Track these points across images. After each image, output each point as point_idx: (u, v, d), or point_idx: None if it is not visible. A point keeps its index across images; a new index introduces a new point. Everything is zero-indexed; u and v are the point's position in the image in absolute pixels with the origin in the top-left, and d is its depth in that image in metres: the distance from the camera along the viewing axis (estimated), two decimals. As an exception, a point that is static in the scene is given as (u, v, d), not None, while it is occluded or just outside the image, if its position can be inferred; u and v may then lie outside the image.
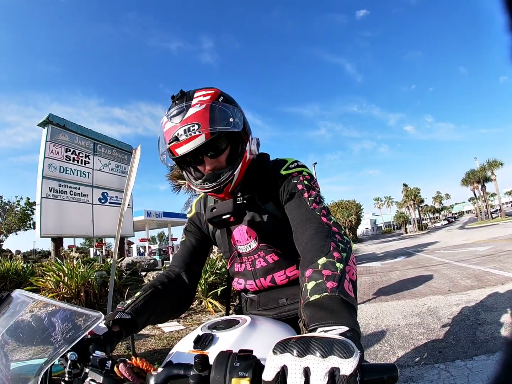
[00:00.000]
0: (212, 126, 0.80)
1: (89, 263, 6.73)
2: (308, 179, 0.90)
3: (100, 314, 0.62)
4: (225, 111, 0.84)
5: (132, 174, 3.09)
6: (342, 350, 0.39)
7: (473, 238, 15.13)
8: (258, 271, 1.00)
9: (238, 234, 1.00)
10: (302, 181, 0.89)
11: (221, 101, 0.85)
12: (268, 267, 0.98)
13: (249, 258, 1.00)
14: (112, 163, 10.93)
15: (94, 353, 0.62)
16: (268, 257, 0.98)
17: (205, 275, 5.47)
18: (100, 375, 0.57)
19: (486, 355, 2.36)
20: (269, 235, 0.96)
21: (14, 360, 0.69)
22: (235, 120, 0.84)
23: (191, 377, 0.48)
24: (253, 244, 0.98)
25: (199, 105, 0.81)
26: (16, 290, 0.79)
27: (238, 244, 1.01)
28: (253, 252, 0.99)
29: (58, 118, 9.35)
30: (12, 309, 0.75)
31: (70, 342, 0.59)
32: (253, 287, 1.03)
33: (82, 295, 4.99)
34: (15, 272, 6.87)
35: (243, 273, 1.03)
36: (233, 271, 1.08)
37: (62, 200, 8.86)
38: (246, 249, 1.00)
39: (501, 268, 5.77)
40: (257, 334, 0.78)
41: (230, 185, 0.90)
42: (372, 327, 3.57)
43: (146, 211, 21.09)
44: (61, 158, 9.17)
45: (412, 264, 9.07)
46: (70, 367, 0.59)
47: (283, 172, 0.92)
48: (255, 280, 1.01)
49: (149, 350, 3.30)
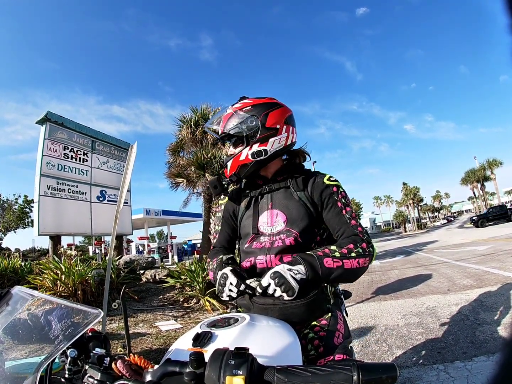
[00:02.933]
0: (225, 127, 1.15)
1: (86, 261, 6.70)
2: (344, 196, 1.12)
3: (100, 311, 0.63)
4: (235, 119, 1.12)
5: (128, 171, 3.06)
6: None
7: (472, 237, 15.13)
8: (274, 249, 1.08)
9: (268, 216, 1.14)
10: (340, 199, 1.11)
11: (245, 110, 1.12)
12: (283, 247, 1.07)
13: (270, 238, 1.11)
14: (110, 161, 10.88)
15: (94, 350, 0.63)
16: (286, 240, 1.07)
17: (203, 273, 5.44)
18: (98, 372, 0.58)
19: (486, 356, 2.34)
20: (296, 220, 1.09)
21: (10, 359, 0.69)
22: (241, 126, 1.11)
23: (186, 374, 0.48)
24: (279, 226, 1.11)
25: (230, 109, 1.15)
26: (16, 287, 0.80)
27: (264, 225, 1.14)
28: (277, 234, 1.10)
29: (56, 116, 9.29)
30: (11, 306, 0.75)
31: (69, 338, 0.59)
32: (262, 262, 1.09)
33: (80, 293, 4.97)
34: (13, 270, 6.84)
35: (259, 250, 1.11)
36: (249, 250, 1.15)
37: (60, 198, 8.81)
38: (271, 230, 1.12)
39: (501, 268, 5.75)
40: (256, 332, 0.78)
41: (226, 169, 1.17)
42: (371, 326, 3.54)
43: (145, 209, 21.06)
44: (59, 156, 9.11)
45: (411, 263, 9.06)
46: (70, 364, 0.60)
47: (326, 181, 1.13)
48: (266, 256, 1.08)
49: (145, 349, 3.27)
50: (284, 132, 1.13)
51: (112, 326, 4.18)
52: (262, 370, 0.49)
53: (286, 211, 1.12)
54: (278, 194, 1.16)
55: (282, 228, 1.10)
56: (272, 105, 1.14)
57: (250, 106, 1.13)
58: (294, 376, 0.48)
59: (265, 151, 1.10)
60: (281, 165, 1.22)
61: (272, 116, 1.12)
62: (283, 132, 1.13)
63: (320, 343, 0.93)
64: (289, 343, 0.77)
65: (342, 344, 0.95)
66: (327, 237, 1.16)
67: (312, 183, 1.14)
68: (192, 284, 5.57)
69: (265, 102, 1.15)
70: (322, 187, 1.12)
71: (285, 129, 1.13)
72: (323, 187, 1.12)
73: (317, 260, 0.94)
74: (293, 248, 1.07)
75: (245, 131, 1.10)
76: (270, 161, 1.15)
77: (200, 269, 5.58)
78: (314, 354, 0.92)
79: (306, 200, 1.12)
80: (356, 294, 5.41)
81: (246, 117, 1.11)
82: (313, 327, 0.99)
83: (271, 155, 1.12)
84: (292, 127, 1.17)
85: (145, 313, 5.02)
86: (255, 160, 1.11)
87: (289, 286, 0.88)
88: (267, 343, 0.75)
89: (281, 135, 1.12)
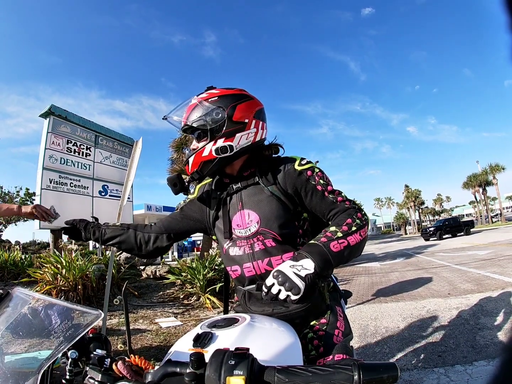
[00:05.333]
0: (188, 118, 1.04)
1: (87, 256, 6.71)
2: (321, 177, 1.03)
3: (100, 312, 0.62)
4: (199, 110, 1.02)
5: (133, 167, 3.06)
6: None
7: (473, 241, 15.11)
8: (257, 253, 1.01)
9: (239, 218, 1.05)
10: (319, 182, 1.01)
11: (211, 101, 1.02)
12: (266, 250, 1.00)
13: (248, 242, 1.02)
14: (113, 156, 10.81)
15: (95, 351, 0.63)
16: (266, 241, 1.00)
17: (204, 271, 5.45)
18: (99, 373, 0.58)
19: (486, 360, 2.34)
20: (270, 219, 1.01)
21: (10, 353, 0.68)
22: (205, 119, 1.01)
23: (186, 375, 0.48)
24: (253, 228, 1.02)
25: (195, 99, 1.05)
26: (16, 288, 0.80)
27: (238, 228, 1.05)
28: (252, 236, 1.02)
29: (60, 109, 9.22)
30: (11, 307, 0.75)
31: (70, 340, 0.59)
32: (250, 270, 1.02)
33: (80, 288, 4.97)
34: (13, 263, 6.85)
35: (241, 256, 1.03)
36: (229, 256, 1.07)
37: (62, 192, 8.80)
38: (246, 233, 1.03)
39: (501, 273, 5.74)
40: (256, 332, 0.78)
41: (188, 166, 1.07)
42: (371, 328, 3.54)
43: (146, 205, 21.11)
44: (62, 150, 9.03)
45: (411, 265, 9.05)
46: (71, 365, 0.60)
47: (298, 167, 1.03)
48: (253, 262, 1.01)
49: (145, 346, 3.28)
50: (253, 127, 1.03)
51: (112, 322, 4.19)
52: (263, 370, 0.49)
53: (258, 210, 1.02)
54: (247, 192, 1.06)
55: (257, 229, 1.01)
56: (241, 97, 1.04)
57: (216, 97, 1.02)
58: (295, 376, 0.48)
59: (230, 147, 1.00)
60: (246, 158, 1.10)
61: (240, 109, 1.01)
62: (252, 127, 1.03)
63: (320, 343, 0.93)
64: (289, 343, 0.77)
65: (342, 343, 0.94)
66: (310, 226, 1.11)
67: (283, 173, 1.03)
68: (192, 281, 5.57)
69: (234, 93, 1.05)
70: (294, 175, 1.02)
71: (254, 124, 1.03)
72: (295, 175, 1.02)
73: (324, 248, 0.86)
74: (276, 249, 1.00)
75: (210, 124, 1.00)
76: (236, 158, 1.05)
77: (201, 266, 5.58)
78: (314, 354, 0.91)
79: (280, 194, 1.02)
80: (357, 295, 5.40)
81: (212, 108, 1.01)
82: (313, 327, 0.98)
83: (237, 151, 1.02)
84: (262, 122, 1.08)
85: (145, 309, 5.03)
86: (219, 156, 1.01)
87: (292, 284, 0.80)
88: (268, 343, 0.75)
89: (249, 130, 1.02)
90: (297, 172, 1.02)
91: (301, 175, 1.01)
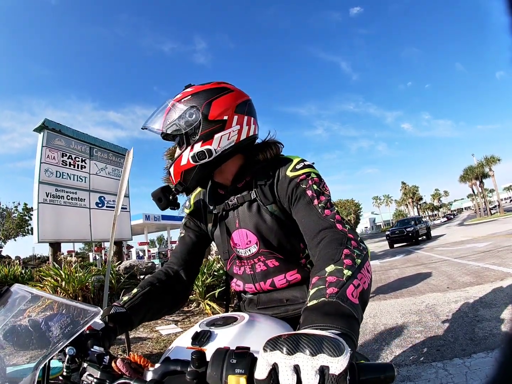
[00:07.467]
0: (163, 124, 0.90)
1: (86, 267, 6.71)
2: (317, 183, 0.86)
3: (99, 309, 0.62)
4: (172, 114, 0.88)
5: (125, 177, 3.08)
6: (332, 348, 0.38)
7: (472, 234, 15.15)
8: (258, 275, 0.97)
9: (238, 237, 0.96)
10: (311, 186, 0.84)
11: (184, 101, 0.88)
12: (268, 271, 0.95)
13: (248, 262, 0.97)
14: (108, 167, 10.90)
15: (93, 348, 0.62)
16: (268, 262, 0.95)
17: (203, 277, 5.44)
18: (98, 370, 0.58)
19: (485, 352, 2.34)
20: (271, 240, 0.92)
21: (11, 365, 0.68)
22: (178, 123, 0.87)
23: (188, 373, 0.48)
24: (253, 248, 0.94)
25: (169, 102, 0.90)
26: (15, 285, 0.79)
27: (238, 247, 0.97)
28: (253, 256, 0.96)
29: (53, 123, 9.32)
30: (10, 303, 0.75)
31: (69, 336, 0.59)
32: (252, 289, 1.01)
33: (80, 300, 4.97)
34: (13, 278, 6.84)
35: (242, 276, 1.01)
36: (232, 272, 1.05)
37: (59, 205, 8.82)
38: (245, 253, 0.96)
39: (500, 264, 5.76)
40: (255, 331, 0.78)
41: (171, 177, 0.93)
42: (370, 326, 3.55)
43: (144, 214, 21.08)
44: (57, 163, 9.13)
45: (411, 262, 9.07)
46: (68, 362, 0.60)
47: (289, 173, 0.87)
48: (255, 284, 0.99)
49: (146, 353, 3.27)
50: (235, 124, 0.87)
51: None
52: None
53: (256, 231, 0.92)
54: (244, 209, 0.93)
55: (257, 250, 0.93)
56: (218, 91, 0.88)
57: (189, 95, 0.88)
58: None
59: (209, 151, 0.85)
60: (240, 165, 0.96)
61: (217, 105, 0.86)
62: (234, 124, 0.87)
63: None
64: None
65: None
66: None
67: (278, 185, 0.89)
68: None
69: (209, 88, 0.89)
70: (285, 184, 0.87)
71: (237, 120, 0.87)
72: (286, 183, 0.87)
73: (343, 305, 0.54)
74: (279, 269, 0.94)
75: (184, 127, 0.86)
76: (221, 164, 0.90)
77: (200, 272, 5.58)
78: None
79: (280, 214, 0.90)
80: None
81: (184, 110, 0.86)
82: None
83: (219, 156, 0.86)
84: (248, 116, 0.91)
85: (145, 318, 5.01)
86: (197, 164, 0.86)
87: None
88: None
89: (230, 128, 0.86)
90: (288, 180, 0.87)
91: (292, 181, 0.86)
